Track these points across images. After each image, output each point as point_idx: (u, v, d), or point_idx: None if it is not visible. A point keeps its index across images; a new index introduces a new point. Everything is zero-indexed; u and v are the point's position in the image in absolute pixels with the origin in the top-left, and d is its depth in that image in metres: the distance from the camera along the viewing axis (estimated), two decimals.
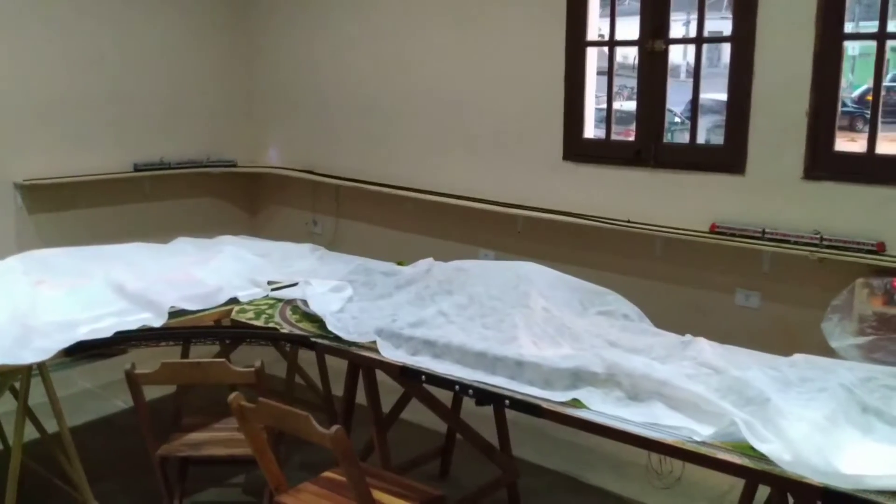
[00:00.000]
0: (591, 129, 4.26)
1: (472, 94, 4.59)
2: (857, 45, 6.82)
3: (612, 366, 2.37)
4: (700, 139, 4.73)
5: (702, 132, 4.91)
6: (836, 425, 2.06)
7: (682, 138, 8.61)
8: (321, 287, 3.20)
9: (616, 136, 4.23)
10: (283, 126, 5.67)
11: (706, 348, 2.57)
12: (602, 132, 4.26)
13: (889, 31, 3.34)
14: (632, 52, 4.39)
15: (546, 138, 4.29)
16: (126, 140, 5.13)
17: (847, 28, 3.40)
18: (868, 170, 3.37)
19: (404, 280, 3.24)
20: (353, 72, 5.15)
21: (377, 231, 5.25)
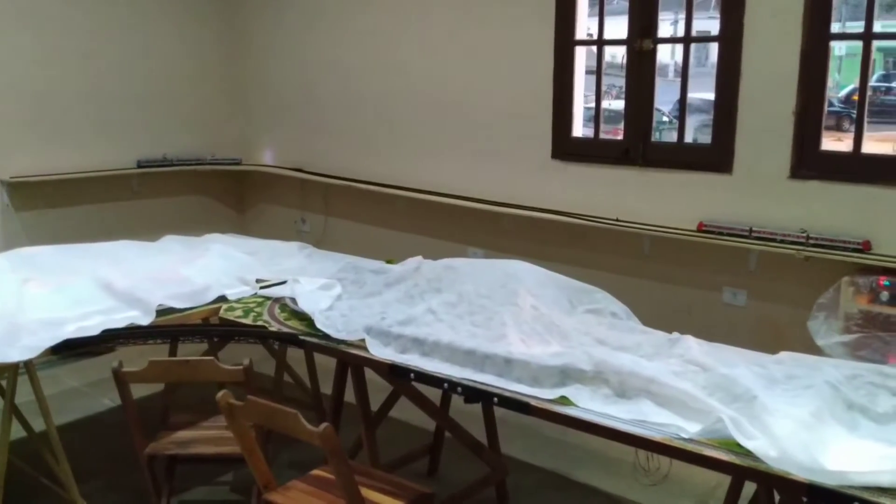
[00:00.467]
0: (580, 128, 4.28)
1: (462, 92, 4.59)
2: (844, 45, 6.84)
3: (600, 363, 2.38)
4: (688, 138, 4.75)
5: (689, 131, 4.92)
6: (821, 422, 2.08)
7: (669, 137, 8.62)
8: (310, 285, 3.19)
9: (604, 135, 4.24)
10: (272, 124, 5.66)
11: (693, 346, 2.58)
12: (590, 131, 4.28)
13: (875, 31, 3.36)
14: (620, 51, 4.41)
15: (535, 137, 4.30)
16: (114, 138, 5.10)
17: (834, 28, 3.42)
18: (854, 169, 3.40)
19: (393, 278, 3.24)
20: (343, 70, 5.14)
21: (366, 229, 5.25)
